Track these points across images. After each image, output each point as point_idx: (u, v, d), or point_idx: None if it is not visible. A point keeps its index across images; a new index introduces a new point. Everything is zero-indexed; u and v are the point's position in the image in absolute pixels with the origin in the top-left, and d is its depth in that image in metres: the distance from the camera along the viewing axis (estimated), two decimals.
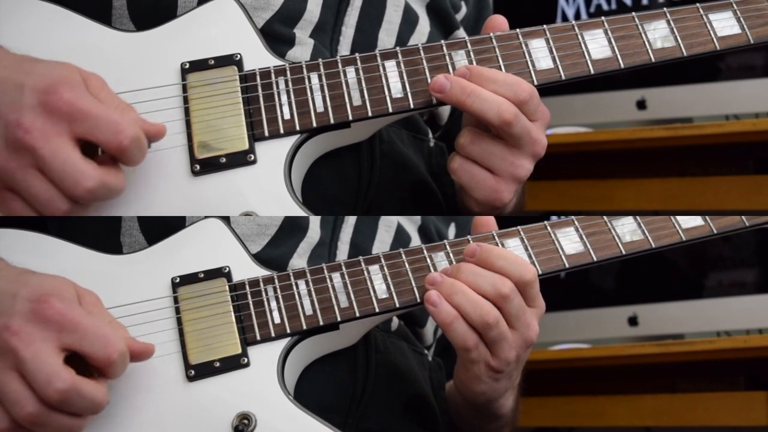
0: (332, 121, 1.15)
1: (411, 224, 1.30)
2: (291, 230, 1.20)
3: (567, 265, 1.19)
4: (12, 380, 0.97)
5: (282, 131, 1.14)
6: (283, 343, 1.11)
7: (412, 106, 1.16)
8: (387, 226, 1.27)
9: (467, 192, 1.18)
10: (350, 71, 1.16)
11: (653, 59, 1.18)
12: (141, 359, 1.05)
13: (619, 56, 1.18)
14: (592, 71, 1.18)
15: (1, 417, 0.98)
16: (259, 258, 1.17)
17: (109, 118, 1.03)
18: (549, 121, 1.17)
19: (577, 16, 2.09)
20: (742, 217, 1.24)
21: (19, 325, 0.97)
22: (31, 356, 0.96)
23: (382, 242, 1.26)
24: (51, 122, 1.01)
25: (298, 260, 1.19)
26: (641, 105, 2.17)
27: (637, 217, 1.22)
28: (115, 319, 1.06)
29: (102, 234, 1.18)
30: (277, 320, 1.12)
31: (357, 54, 1.17)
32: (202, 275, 1.13)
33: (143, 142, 1.05)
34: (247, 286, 1.13)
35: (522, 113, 1.13)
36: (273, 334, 1.11)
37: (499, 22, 1.19)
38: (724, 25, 1.20)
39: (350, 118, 1.15)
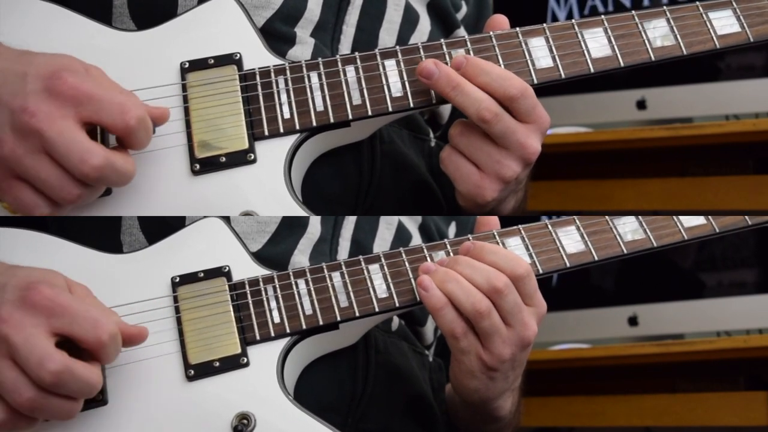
0: (332, 120, 1.15)
1: (412, 222, 1.30)
2: (291, 227, 1.19)
3: (568, 265, 1.18)
4: (6, 368, 0.97)
5: (282, 130, 1.14)
6: (283, 342, 1.11)
7: (411, 105, 1.16)
8: (388, 223, 1.27)
9: (453, 184, 1.18)
10: (350, 70, 1.16)
11: (653, 58, 1.18)
12: (134, 343, 1.05)
13: (618, 55, 1.18)
14: (592, 70, 1.18)
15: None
16: (260, 256, 1.17)
17: (114, 100, 1.03)
18: (547, 128, 1.16)
19: (570, 18, 2.09)
20: (745, 217, 1.24)
21: (8, 312, 0.98)
22: (22, 341, 0.97)
23: (383, 239, 1.26)
24: (56, 106, 1.01)
25: (300, 257, 1.19)
26: (641, 105, 2.17)
27: (639, 216, 1.22)
28: (107, 307, 1.06)
29: (102, 233, 1.18)
30: (277, 320, 1.12)
31: (357, 53, 1.17)
32: (202, 275, 1.13)
33: (149, 123, 1.06)
34: (247, 286, 1.13)
35: (507, 112, 1.12)
36: (273, 334, 1.11)
37: (500, 22, 1.19)
38: (724, 23, 1.20)
39: (350, 117, 1.15)
